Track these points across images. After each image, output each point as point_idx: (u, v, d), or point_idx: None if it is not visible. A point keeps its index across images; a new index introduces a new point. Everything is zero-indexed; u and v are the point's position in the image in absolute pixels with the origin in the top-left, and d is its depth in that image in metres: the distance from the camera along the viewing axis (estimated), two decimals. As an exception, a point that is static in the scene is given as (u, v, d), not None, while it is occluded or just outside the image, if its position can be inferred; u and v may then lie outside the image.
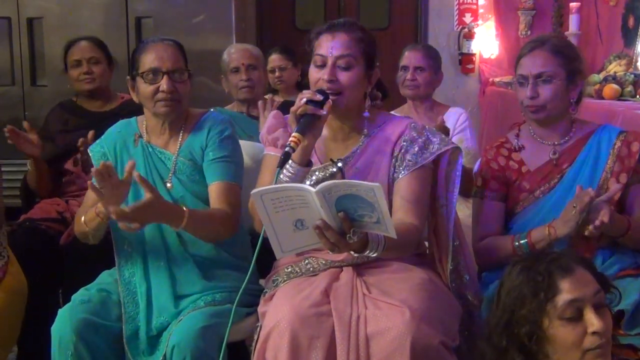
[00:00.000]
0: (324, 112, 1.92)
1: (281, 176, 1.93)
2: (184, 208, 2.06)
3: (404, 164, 2.03)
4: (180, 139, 2.27)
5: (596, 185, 2.17)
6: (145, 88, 2.20)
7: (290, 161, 1.92)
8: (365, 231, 1.73)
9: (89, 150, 2.34)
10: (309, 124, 1.91)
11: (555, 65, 2.20)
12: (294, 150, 1.88)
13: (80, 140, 2.73)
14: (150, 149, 2.25)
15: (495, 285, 1.68)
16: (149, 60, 2.20)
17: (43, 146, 2.89)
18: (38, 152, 2.87)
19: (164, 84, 2.18)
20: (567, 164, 2.24)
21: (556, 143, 2.27)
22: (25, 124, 2.87)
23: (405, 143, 2.05)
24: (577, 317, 1.47)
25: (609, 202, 2.08)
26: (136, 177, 1.97)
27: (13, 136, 2.82)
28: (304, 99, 1.93)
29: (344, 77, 2.00)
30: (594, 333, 1.45)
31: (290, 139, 1.88)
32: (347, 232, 1.70)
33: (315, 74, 2.04)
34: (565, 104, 2.23)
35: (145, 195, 1.93)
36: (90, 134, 2.69)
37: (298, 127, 1.91)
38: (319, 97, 1.93)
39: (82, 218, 2.15)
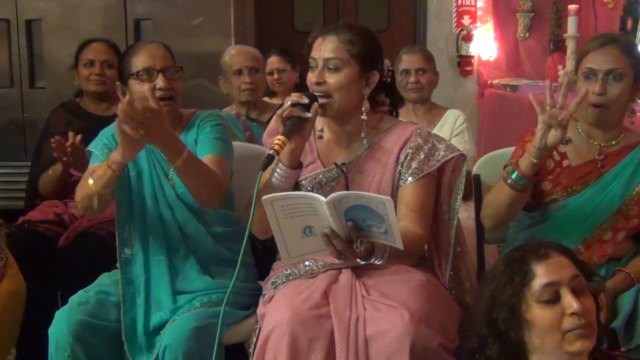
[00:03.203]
0: (309, 114, 1.92)
1: (272, 179, 1.93)
2: (186, 145, 2.08)
3: (410, 172, 2.03)
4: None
5: (627, 195, 2.14)
6: (140, 88, 2.20)
7: (280, 164, 1.93)
8: (372, 240, 1.75)
9: (89, 148, 2.33)
10: (294, 126, 1.91)
11: (626, 64, 2.11)
12: (277, 153, 1.87)
13: (71, 135, 2.71)
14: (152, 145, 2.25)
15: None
16: (141, 60, 2.21)
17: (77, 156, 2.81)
18: (74, 164, 2.81)
19: (159, 81, 2.19)
20: (607, 169, 2.18)
21: (603, 144, 2.20)
22: (71, 135, 2.75)
23: (410, 150, 2.04)
24: (554, 300, 1.49)
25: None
26: (146, 90, 2.10)
27: (58, 147, 2.75)
28: (290, 102, 1.93)
29: (332, 79, 1.99)
30: (572, 314, 1.47)
31: (275, 141, 1.88)
32: (354, 241, 1.73)
33: (309, 77, 2.05)
34: (625, 107, 2.17)
35: (154, 105, 2.02)
36: (78, 138, 2.68)
37: (283, 129, 1.91)
38: (305, 100, 1.93)
39: (90, 180, 2.10)
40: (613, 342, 1.93)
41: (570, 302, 1.47)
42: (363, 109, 2.04)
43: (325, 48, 2.00)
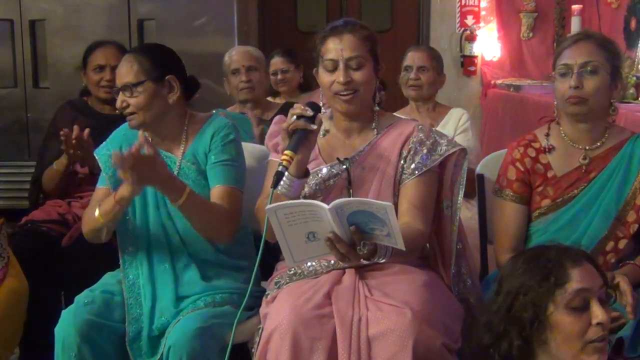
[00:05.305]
0: (314, 126, 1.93)
1: (280, 188, 1.92)
2: (188, 186, 2.09)
3: (413, 167, 2.04)
4: (183, 143, 2.28)
5: (623, 200, 2.11)
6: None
7: (286, 173, 1.93)
8: (375, 242, 1.76)
9: (95, 154, 2.35)
10: (301, 139, 1.92)
11: (601, 57, 2.09)
12: (286, 169, 1.88)
13: (76, 128, 2.69)
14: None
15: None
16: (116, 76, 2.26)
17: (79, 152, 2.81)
18: (79, 158, 2.81)
19: (117, 101, 2.22)
20: (595, 173, 2.14)
21: (587, 147, 2.17)
22: (75, 128, 2.73)
23: (413, 145, 2.06)
24: (583, 308, 1.49)
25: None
26: (139, 136, 2.08)
27: (67, 139, 2.72)
28: (295, 116, 1.93)
29: (357, 76, 2.03)
30: (598, 324, 1.47)
31: (282, 157, 1.89)
32: (357, 245, 1.74)
33: (328, 78, 2.05)
34: (605, 103, 2.13)
35: (148, 151, 2.00)
36: (86, 132, 2.68)
37: (290, 144, 1.91)
38: (310, 113, 1.94)
39: (96, 212, 2.15)
40: (617, 350, 1.92)
41: (598, 312, 1.48)
42: (377, 99, 2.11)
43: (345, 47, 2.03)
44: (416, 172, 2.04)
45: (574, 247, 1.59)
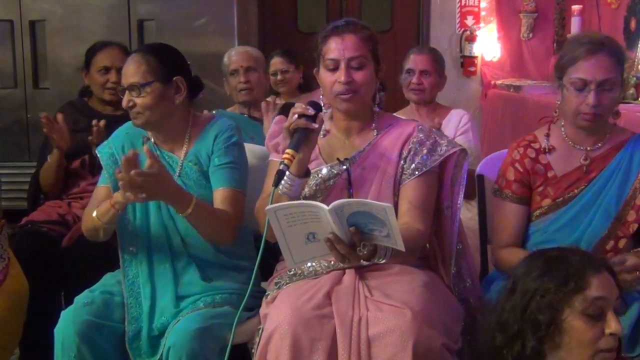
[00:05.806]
0: (316, 125, 1.94)
1: (280, 187, 1.93)
2: (193, 196, 2.10)
3: (413, 167, 2.05)
4: (186, 144, 2.28)
5: (623, 200, 2.12)
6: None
7: (287, 172, 1.93)
8: (375, 243, 1.76)
9: (96, 151, 2.35)
10: (302, 138, 1.93)
11: (616, 72, 2.08)
12: (288, 167, 1.89)
13: (95, 130, 2.77)
14: (158, 152, 2.26)
15: (497, 286, 1.68)
16: (122, 76, 2.25)
17: (71, 141, 2.89)
18: (66, 145, 2.87)
19: (124, 100, 2.21)
20: (595, 173, 2.15)
21: (589, 148, 2.17)
22: (58, 116, 2.87)
23: (413, 145, 2.07)
24: (598, 316, 1.49)
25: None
26: (145, 150, 2.04)
27: (47, 124, 2.82)
28: (296, 115, 1.94)
29: (358, 76, 2.03)
30: (611, 334, 1.48)
31: (284, 156, 1.89)
32: (357, 245, 1.75)
33: (330, 78, 2.05)
34: (613, 110, 2.16)
35: (153, 165, 1.99)
36: (102, 122, 2.72)
37: (291, 142, 1.92)
38: (311, 112, 1.94)
39: (94, 213, 2.16)
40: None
41: (612, 322, 1.48)
42: (377, 100, 2.12)
43: (347, 47, 2.03)
44: (416, 172, 2.04)
45: (596, 255, 1.60)
